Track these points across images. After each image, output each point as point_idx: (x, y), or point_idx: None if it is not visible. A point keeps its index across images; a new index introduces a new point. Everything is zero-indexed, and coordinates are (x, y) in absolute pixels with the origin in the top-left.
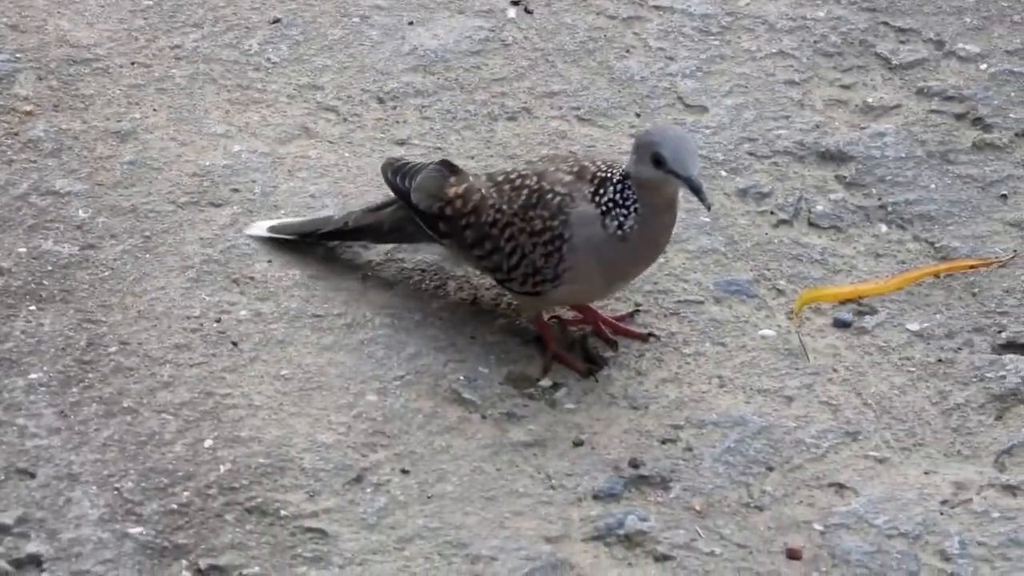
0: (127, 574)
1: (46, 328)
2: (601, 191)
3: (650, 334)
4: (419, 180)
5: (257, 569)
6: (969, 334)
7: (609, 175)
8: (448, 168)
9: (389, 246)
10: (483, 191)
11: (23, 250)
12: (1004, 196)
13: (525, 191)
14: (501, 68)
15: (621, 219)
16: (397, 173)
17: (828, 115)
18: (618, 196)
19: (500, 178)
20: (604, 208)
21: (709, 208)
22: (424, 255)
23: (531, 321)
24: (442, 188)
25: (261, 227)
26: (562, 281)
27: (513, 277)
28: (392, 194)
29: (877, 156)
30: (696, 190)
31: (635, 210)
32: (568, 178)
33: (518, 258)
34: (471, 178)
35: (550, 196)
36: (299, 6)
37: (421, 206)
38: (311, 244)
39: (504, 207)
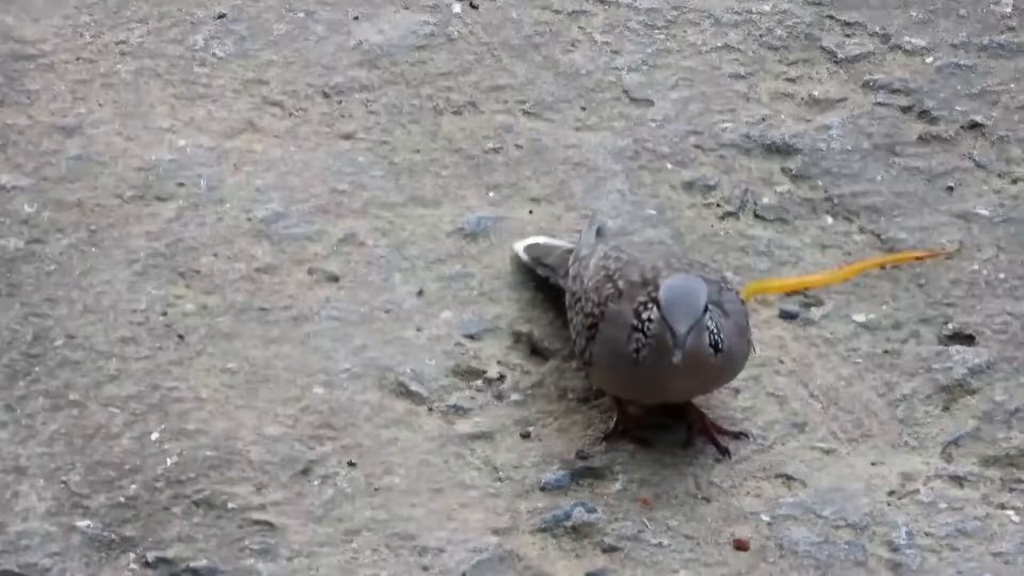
0: (75, 567)
1: None
2: (647, 306)
3: (727, 450)
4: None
5: (205, 562)
6: (916, 325)
7: None
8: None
9: None
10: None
11: None
12: (950, 188)
13: (603, 272)
14: (447, 62)
15: (639, 343)
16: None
17: (774, 108)
18: (650, 320)
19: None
20: (636, 323)
21: (675, 360)
22: None
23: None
24: None
25: (520, 247)
26: (592, 366)
27: (575, 346)
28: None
29: (823, 149)
30: (674, 342)
31: (652, 343)
32: (638, 279)
33: (574, 331)
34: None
35: (609, 286)
36: (244, 2)
37: None
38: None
39: (587, 281)
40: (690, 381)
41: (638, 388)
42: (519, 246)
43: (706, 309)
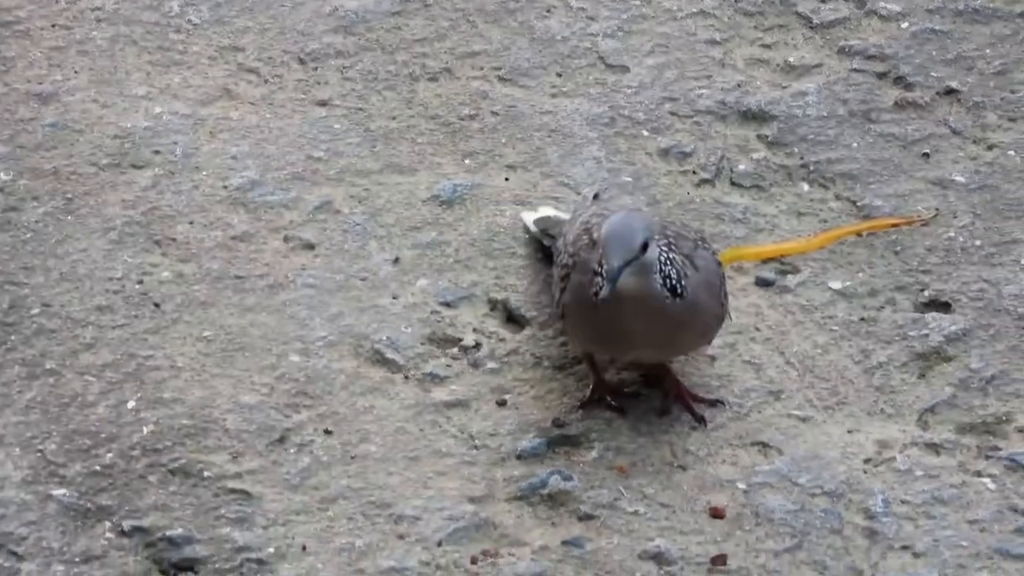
0: (51, 536)
1: None
2: None
3: (702, 418)
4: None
5: (181, 530)
6: (892, 292)
7: None
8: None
9: None
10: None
11: None
12: (926, 154)
13: (583, 227)
14: (422, 28)
15: (599, 287)
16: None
17: (750, 74)
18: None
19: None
20: (596, 267)
21: (597, 296)
22: None
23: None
24: None
25: (529, 219)
26: (564, 317)
27: (553, 300)
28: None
29: (799, 115)
30: (605, 276)
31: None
32: None
33: (554, 286)
34: None
35: (584, 237)
36: None
37: None
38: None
39: (569, 236)
40: (648, 327)
41: (603, 337)
42: (528, 218)
43: (645, 247)
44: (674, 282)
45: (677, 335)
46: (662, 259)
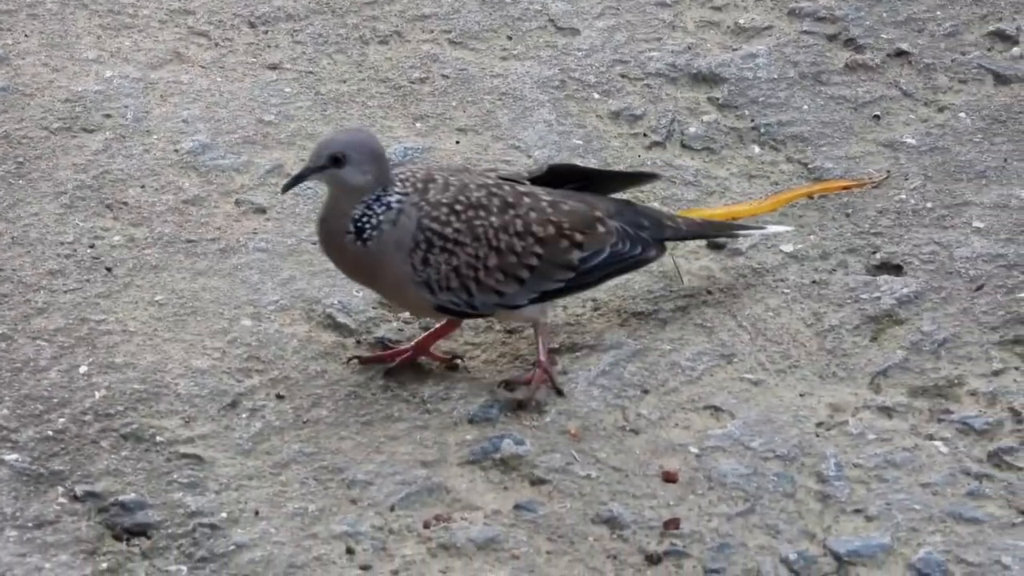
0: (3, 501)
1: None
2: None
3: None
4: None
5: (133, 495)
6: (843, 255)
7: None
8: None
9: None
10: None
11: None
12: (877, 117)
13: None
14: None
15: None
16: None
17: (700, 37)
18: None
19: None
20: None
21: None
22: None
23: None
24: None
25: None
26: None
27: None
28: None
29: (749, 77)
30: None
31: None
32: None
33: None
34: None
35: None
36: None
37: None
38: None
39: None
40: (339, 259)
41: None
42: None
43: (337, 161)
44: (361, 225)
45: (365, 279)
46: (381, 202)
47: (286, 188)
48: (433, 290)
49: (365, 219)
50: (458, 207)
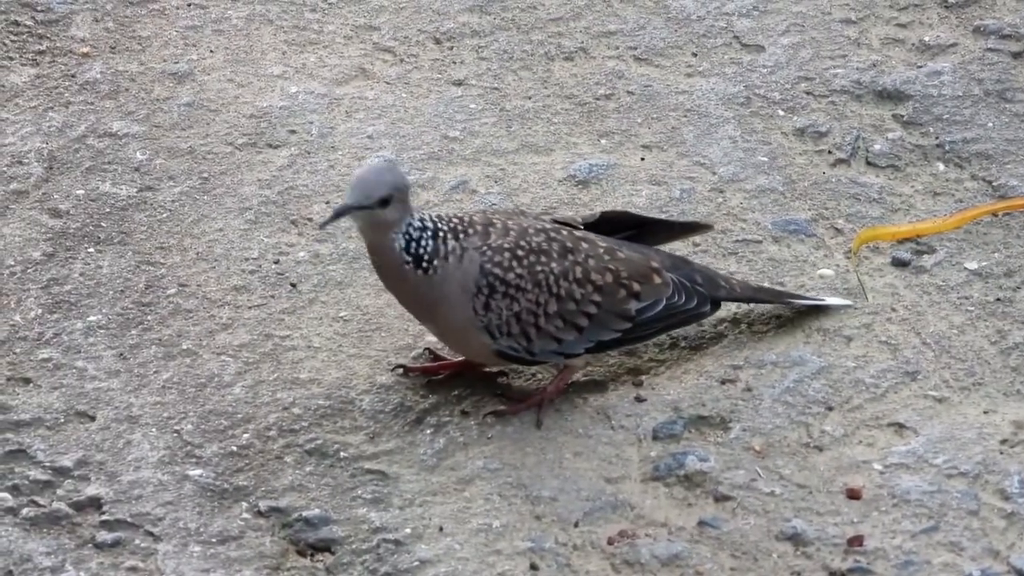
0: (187, 516)
1: (104, 270)
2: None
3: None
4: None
5: (317, 511)
6: None
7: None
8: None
9: None
10: None
11: (81, 192)
12: None
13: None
14: (558, 8)
15: None
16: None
17: (885, 54)
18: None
19: None
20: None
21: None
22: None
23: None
24: None
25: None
26: None
27: None
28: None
29: (934, 95)
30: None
31: None
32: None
33: None
34: None
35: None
36: None
37: None
38: None
39: None
40: (395, 288)
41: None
42: None
43: (384, 202)
44: (420, 252)
45: (423, 313)
46: (414, 226)
47: (325, 224)
48: (494, 335)
49: (413, 246)
50: (519, 252)
